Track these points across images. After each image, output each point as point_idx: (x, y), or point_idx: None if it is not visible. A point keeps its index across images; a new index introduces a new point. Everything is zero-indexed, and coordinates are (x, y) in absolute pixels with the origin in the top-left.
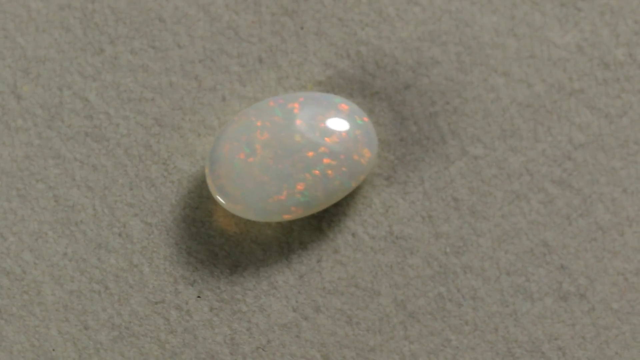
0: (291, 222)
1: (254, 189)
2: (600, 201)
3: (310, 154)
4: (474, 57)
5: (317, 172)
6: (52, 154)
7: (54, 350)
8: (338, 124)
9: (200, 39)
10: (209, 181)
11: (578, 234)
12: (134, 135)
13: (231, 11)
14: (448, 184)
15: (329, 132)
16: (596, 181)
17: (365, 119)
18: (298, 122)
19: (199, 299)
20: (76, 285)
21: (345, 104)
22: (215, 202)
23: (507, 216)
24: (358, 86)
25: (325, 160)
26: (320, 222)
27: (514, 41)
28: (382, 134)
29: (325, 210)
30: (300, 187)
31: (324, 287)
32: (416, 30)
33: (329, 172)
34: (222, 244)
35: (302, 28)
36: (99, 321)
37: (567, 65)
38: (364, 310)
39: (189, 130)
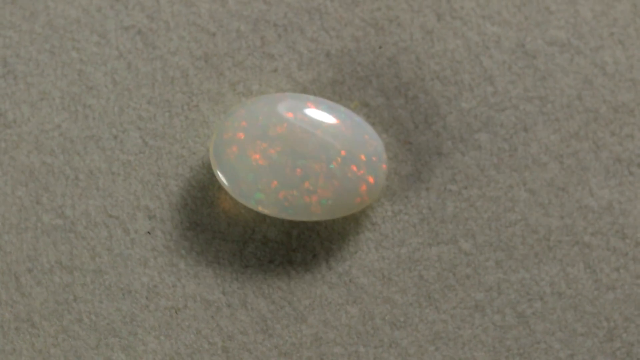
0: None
1: (248, 172)
2: None
3: (314, 166)
4: None
5: (308, 185)
6: (100, 30)
7: None
8: (355, 157)
9: (290, 7)
10: (212, 152)
11: None
12: (179, 56)
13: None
14: (423, 261)
15: (342, 159)
16: None
17: (384, 166)
18: (319, 132)
19: (148, 234)
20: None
21: (374, 141)
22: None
23: (456, 319)
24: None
25: (321, 180)
26: (291, 230)
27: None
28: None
29: (304, 223)
30: (287, 191)
31: (261, 288)
32: None
33: (319, 190)
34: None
35: (380, 47)
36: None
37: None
38: (284, 327)
39: (228, 79)
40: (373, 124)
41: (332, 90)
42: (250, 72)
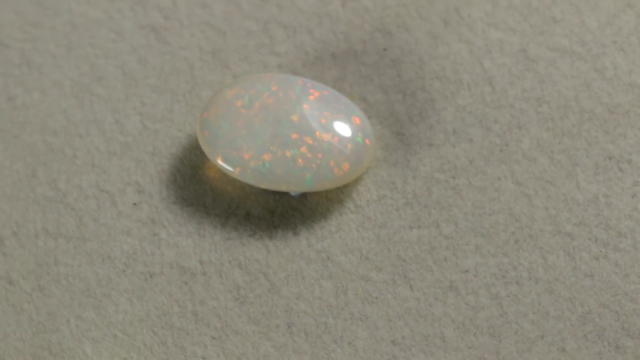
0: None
1: (229, 134)
2: None
3: (294, 136)
4: None
5: (288, 153)
6: (117, 28)
7: None
8: (337, 128)
9: (301, 12)
10: (200, 113)
11: None
12: (188, 50)
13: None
14: (402, 243)
15: (324, 130)
16: None
17: (368, 141)
18: (305, 106)
19: (134, 205)
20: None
21: (359, 118)
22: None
23: (429, 297)
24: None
25: (303, 149)
26: (275, 208)
27: None
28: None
29: (286, 196)
30: (266, 157)
31: (238, 259)
32: None
33: (300, 160)
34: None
35: (385, 49)
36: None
37: None
38: (256, 296)
39: (232, 72)
40: (369, 117)
41: (333, 86)
42: (255, 66)
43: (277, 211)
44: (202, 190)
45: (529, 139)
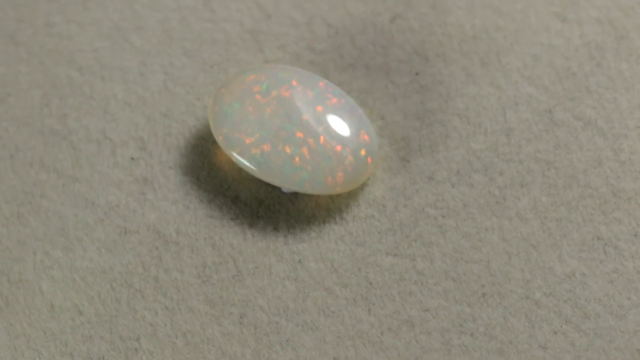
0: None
1: (238, 115)
2: None
3: (299, 135)
4: None
5: (288, 150)
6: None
7: None
8: (343, 139)
9: (349, 15)
10: (217, 88)
11: None
12: (230, 24)
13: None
14: (375, 266)
15: (329, 137)
16: None
17: (369, 159)
18: (319, 108)
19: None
20: None
21: (368, 135)
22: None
23: (383, 326)
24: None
25: (303, 150)
26: (264, 199)
27: None
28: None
29: (278, 190)
30: (266, 147)
31: (214, 238)
32: None
33: (297, 159)
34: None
35: (417, 74)
36: None
37: None
38: (220, 279)
39: (264, 56)
40: (382, 136)
41: (357, 96)
42: (288, 57)
43: (265, 202)
44: (200, 163)
45: (527, 199)
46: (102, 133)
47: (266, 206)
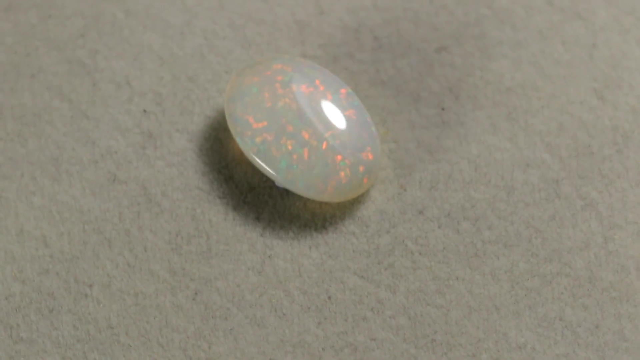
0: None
1: (253, 98)
2: None
3: (305, 135)
4: None
5: (290, 146)
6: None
7: None
8: (345, 152)
9: (398, 34)
10: (241, 67)
11: None
12: (283, 9)
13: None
14: (339, 282)
15: (332, 146)
16: None
17: (365, 179)
18: (332, 114)
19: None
20: None
21: (372, 155)
22: None
23: (326, 341)
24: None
25: (304, 150)
26: (255, 187)
27: None
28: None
29: (272, 182)
30: (269, 137)
31: (195, 211)
32: None
33: (295, 157)
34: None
35: (442, 109)
36: None
37: None
38: (187, 252)
39: (304, 50)
40: (388, 159)
41: (378, 114)
42: (326, 57)
43: (256, 190)
44: (207, 135)
45: (506, 261)
46: (125, 78)
47: (255, 194)
